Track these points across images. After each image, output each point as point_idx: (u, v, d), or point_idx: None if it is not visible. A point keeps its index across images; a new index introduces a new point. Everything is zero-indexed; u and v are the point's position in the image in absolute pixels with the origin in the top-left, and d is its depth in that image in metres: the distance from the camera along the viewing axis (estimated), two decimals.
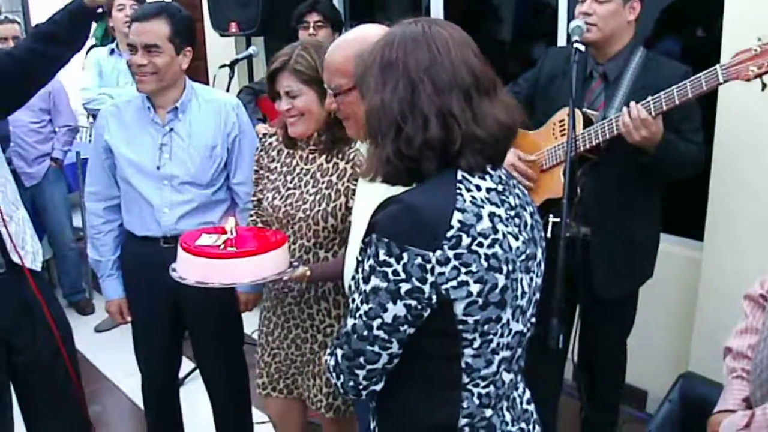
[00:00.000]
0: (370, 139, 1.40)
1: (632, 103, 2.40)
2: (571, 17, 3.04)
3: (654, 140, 2.40)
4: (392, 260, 1.29)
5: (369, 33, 1.71)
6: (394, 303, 1.30)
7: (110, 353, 4.14)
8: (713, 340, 2.15)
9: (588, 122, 2.55)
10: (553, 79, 2.76)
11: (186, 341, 2.89)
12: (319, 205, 2.17)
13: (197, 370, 3.04)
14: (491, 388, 1.40)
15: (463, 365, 1.36)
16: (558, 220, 2.44)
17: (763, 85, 2.21)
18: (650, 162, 2.47)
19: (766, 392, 1.64)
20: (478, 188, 1.34)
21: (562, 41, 3.60)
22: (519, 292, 1.38)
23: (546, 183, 2.68)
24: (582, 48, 2.50)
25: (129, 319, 2.79)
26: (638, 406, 3.48)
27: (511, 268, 1.34)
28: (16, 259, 2.29)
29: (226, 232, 2.09)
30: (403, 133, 1.32)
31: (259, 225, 2.40)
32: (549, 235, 2.54)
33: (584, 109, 2.60)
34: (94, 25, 5.06)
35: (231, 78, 3.86)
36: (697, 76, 2.29)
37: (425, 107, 1.32)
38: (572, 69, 2.47)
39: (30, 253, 2.38)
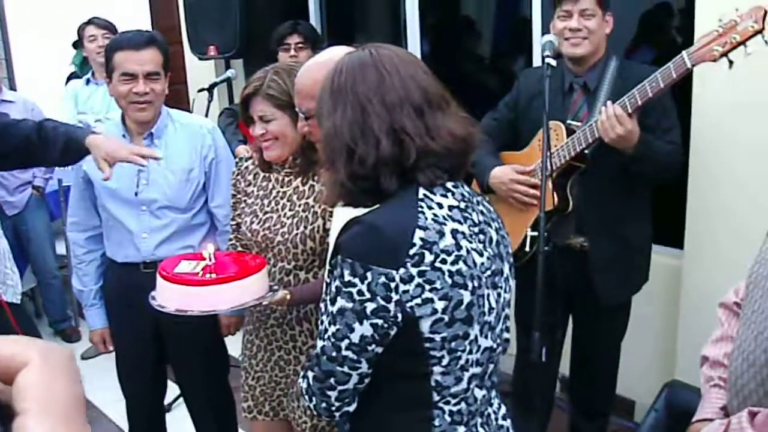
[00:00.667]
0: (326, 164, 1.43)
1: (608, 102, 2.46)
2: (545, 31, 3.09)
3: (630, 139, 2.45)
4: (356, 280, 1.30)
5: (337, 55, 1.72)
6: (361, 323, 1.32)
7: (97, 379, 4.06)
8: (697, 347, 2.15)
9: (571, 134, 2.60)
10: (532, 99, 2.81)
11: (171, 366, 2.88)
12: (297, 228, 2.17)
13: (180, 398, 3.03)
14: (462, 405, 1.41)
15: (432, 383, 1.38)
16: (536, 234, 2.47)
17: (730, 63, 2.24)
18: (630, 161, 2.51)
19: (742, 400, 1.65)
20: (440, 206, 1.36)
21: (537, 54, 3.63)
22: (486, 308, 1.39)
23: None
24: (554, 63, 2.54)
25: (111, 348, 2.79)
26: (626, 416, 3.49)
27: (476, 284, 1.35)
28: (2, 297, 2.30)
29: (205, 258, 2.09)
30: (355, 155, 1.35)
31: (239, 249, 2.40)
32: (528, 249, 2.59)
33: (568, 122, 2.66)
34: (72, 52, 5.10)
35: (210, 101, 3.87)
36: (666, 66, 2.34)
37: (375, 127, 1.34)
38: (545, 82, 2.51)
39: (10, 286, 2.37)
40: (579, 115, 2.72)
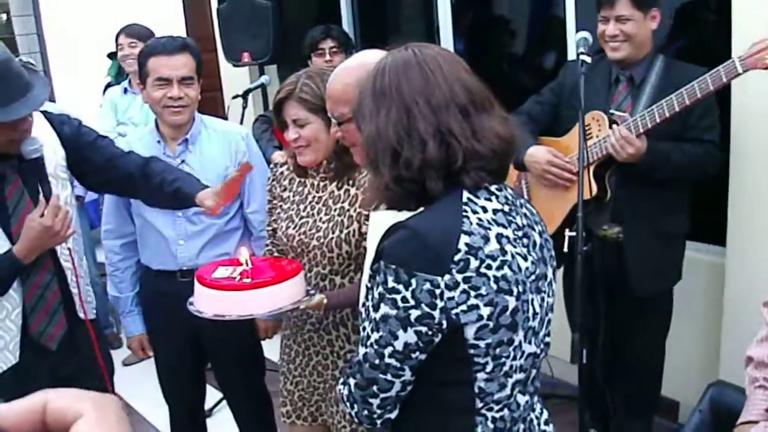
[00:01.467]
0: (369, 167, 1.40)
1: (614, 126, 2.55)
2: (580, 28, 3.08)
3: (639, 154, 2.53)
4: (401, 287, 1.28)
5: (369, 59, 1.71)
6: (405, 330, 1.30)
7: (138, 386, 4.16)
8: (742, 347, 2.11)
9: (613, 124, 2.64)
10: (576, 87, 2.78)
11: (209, 371, 2.90)
12: (333, 233, 2.17)
13: (225, 400, 3.05)
14: (506, 411, 1.39)
15: (476, 390, 1.35)
16: (574, 234, 2.45)
17: None
18: (642, 172, 2.59)
19: None
20: (485, 210, 1.34)
21: (572, 52, 3.59)
22: (530, 314, 1.37)
23: (575, 186, 2.69)
24: (588, 59, 2.59)
25: (151, 354, 2.82)
26: (671, 417, 3.43)
27: (521, 289, 1.33)
28: (81, 315, 2.34)
29: (241, 264, 2.10)
30: (401, 157, 1.32)
31: (276, 254, 2.41)
32: (566, 249, 2.56)
33: (611, 111, 2.69)
34: (108, 63, 5.17)
35: (244, 108, 3.89)
36: (716, 70, 2.36)
37: (421, 129, 1.31)
38: (580, 79, 2.56)
39: (89, 303, 2.42)
40: (622, 106, 2.74)
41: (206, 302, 2.05)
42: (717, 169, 2.71)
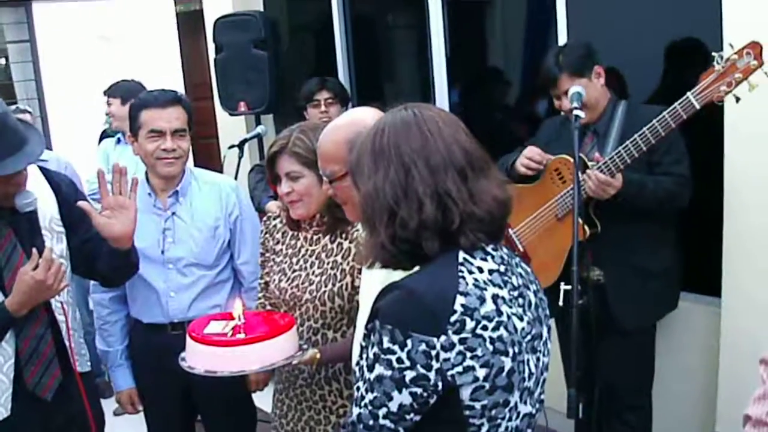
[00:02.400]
0: (364, 225, 1.40)
1: (588, 171, 2.62)
2: None
3: (617, 190, 2.60)
4: (396, 347, 1.27)
5: (360, 117, 1.73)
6: (400, 391, 1.28)
7: None
8: (739, 398, 2.09)
9: (585, 166, 2.70)
10: (549, 143, 2.95)
11: (199, 423, 2.86)
12: (325, 286, 2.16)
13: None
14: None
15: None
16: (569, 287, 2.44)
17: (737, 99, 2.33)
18: (621, 203, 2.64)
19: None
20: (480, 270, 1.33)
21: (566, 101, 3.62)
22: (526, 374, 1.35)
23: (567, 230, 2.71)
24: (582, 114, 2.66)
25: (140, 408, 2.78)
26: None
27: (517, 350, 1.32)
28: (75, 367, 2.32)
29: (234, 318, 2.08)
30: (397, 217, 1.32)
31: (268, 308, 2.39)
32: (562, 303, 2.55)
33: (581, 155, 2.73)
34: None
35: (240, 158, 3.90)
36: (672, 107, 2.45)
37: (419, 189, 1.31)
38: (574, 134, 2.63)
39: (83, 356, 2.41)
40: (590, 155, 2.79)
41: (198, 358, 2.02)
42: (688, 200, 2.77)
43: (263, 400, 2.94)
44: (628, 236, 2.76)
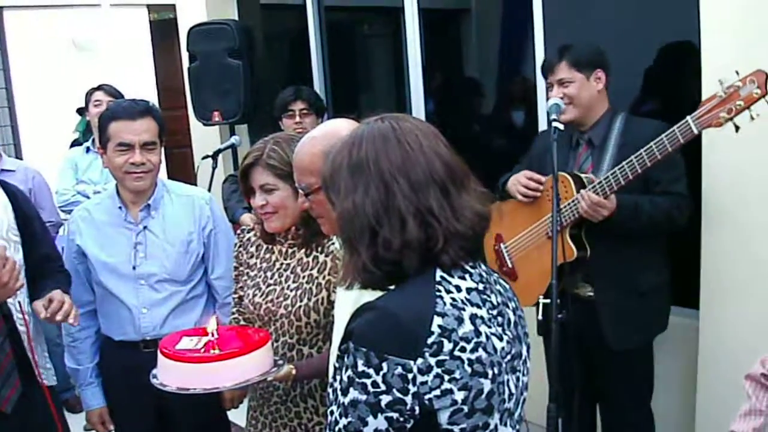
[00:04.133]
0: (343, 245, 1.35)
1: (582, 192, 2.59)
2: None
3: (610, 212, 2.57)
4: (371, 371, 1.22)
5: (335, 129, 1.69)
6: (375, 416, 1.23)
7: None
8: (717, 414, 2.08)
9: (579, 181, 2.68)
10: (543, 156, 2.90)
11: None
12: (301, 301, 2.12)
13: None
14: None
15: None
16: (548, 301, 2.42)
17: (736, 128, 2.28)
18: (615, 225, 2.61)
19: None
20: (458, 289, 1.29)
21: (542, 113, 3.62)
22: (506, 395, 1.31)
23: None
24: (561, 126, 2.62)
25: (111, 428, 2.70)
26: None
27: (496, 371, 1.27)
28: (39, 381, 2.26)
29: (207, 334, 2.03)
30: (379, 237, 1.27)
31: (242, 323, 2.34)
32: (540, 317, 2.53)
33: (574, 172, 2.75)
34: (77, 118, 5.12)
35: (214, 168, 3.85)
36: (671, 131, 2.40)
37: (402, 208, 1.26)
38: (552, 146, 2.59)
39: (48, 369, 2.35)
40: (584, 167, 2.79)
41: (170, 375, 1.97)
42: (687, 220, 2.73)
43: (237, 414, 2.89)
44: (621, 256, 2.72)
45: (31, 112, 6.73)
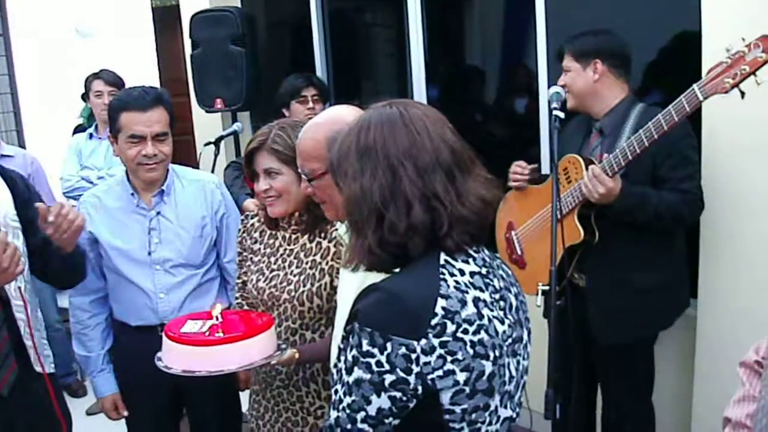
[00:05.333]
0: (350, 228, 1.37)
1: (590, 167, 2.57)
2: (551, 79, 3.13)
3: (609, 196, 2.53)
4: (375, 350, 1.25)
5: (339, 115, 1.71)
6: (378, 395, 1.26)
7: None
8: (714, 402, 2.10)
9: (589, 163, 2.66)
10: (564, 143, 2.87)
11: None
12: (304, 286, 2.14)
13: None
14: None
15: None
16: (547, 288, 2.44)
17: (742, 93, 2.26)
18: (616, 214, 2.59)
19: None
20: (462, 272, 1.31)
21: (543, 102, 3.63)
22: (507, 377, 1.34)
23: (564, 230, 2.67)
24: (561, 115, 2.64)
25: (125, 413, 2.69)
26: None
27: (498, 353, 1.30)
28: (38, 368, 2.26)
29: (212, 318, 2.06)
30: (385, 220, 1.29)
31: (245, 307, 2.36)
32: (539, 304, 2.55)
33: (585, 156, 2.74)
34: (80, 105, 5.12)
35: (216, 155, 3.86)
36: (678, 100, 2.37)
37: (408, 192, 1.29)
38: (554, 134, 2.59)
39: (47, 357, 2.35)
40: (593, 154, 2.78)
41: (175, 358, 1.99)
42: (696, 218, 2.73)
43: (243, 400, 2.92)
44: (619, 249, 2.71)
45: (34, 99, 6.73)
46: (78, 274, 2.44)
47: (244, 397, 2.78)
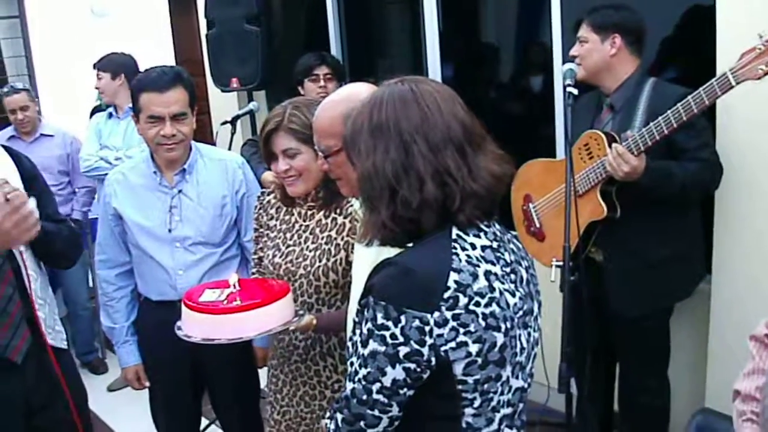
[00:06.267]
0: (364, 203, 1.40)
1: (614, 145, 2.56)
2: (565, 56, 3.12)
3: (634, 173, 2.54)
4: (390, 323, 1.28)
5: (355, 92, 1.73)
6: (393, 367, 1.29)
7: (123, 412, 4.13)
8: (728, 374, 2.11)
9: (611, 139, 2.67)
10: (575, 118, 2.85)
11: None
12: (320, 261, 2.17)
13: (213, 425, 3.01)
14: None
15: (463, 425, 1.35)
16: (561, 264, 2.46)
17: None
18: (643, 191, 2.60)
19: None
20: (473, 246, 1.34)
21: (558, 79, 3.62)
22: (518, 349, 1.37)
23: (585, 207, 2.71)
24: (575, 91, 2.65)
25: (147, 384, 2.77)
26: None
27: (509, 325, 1.33)
28: (46, 339, 2.30)
29: (229, 286, 2.09)
30: (398, 195, 1.32)
31: None
32: (553, 279, 2.57)
33: (605, 131, 2.75)
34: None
35: (233, 134, 3.89)
36: (709, 84, 2.37)
37: (420, 167, 1.31)
38: (567, 111, 2.59)
39: (58, 332, 2.39)
40: (604, 130, 2.78)
41: (195, 326, 2.03)
42: (717, 183, 2.74)
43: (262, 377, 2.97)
44: (635, 222, 2.72)
45: (51, 80, 6.77)
46: (64, 259, 2.47)
47: (263, 374, 2.84)
